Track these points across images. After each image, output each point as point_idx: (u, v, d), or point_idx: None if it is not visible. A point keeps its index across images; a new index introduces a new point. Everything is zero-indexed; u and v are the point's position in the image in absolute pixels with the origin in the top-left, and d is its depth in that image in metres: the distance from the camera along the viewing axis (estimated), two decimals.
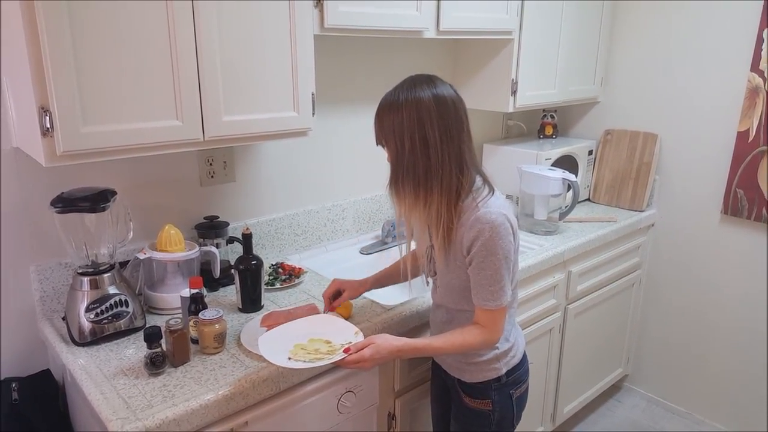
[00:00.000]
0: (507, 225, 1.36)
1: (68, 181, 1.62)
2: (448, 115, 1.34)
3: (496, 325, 1.42)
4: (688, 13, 2.56)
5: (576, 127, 3.04)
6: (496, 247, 1.34)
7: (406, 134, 1.33)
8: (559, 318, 2.40)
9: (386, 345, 1.36)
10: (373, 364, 1.35)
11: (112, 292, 1.53)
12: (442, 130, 1.33)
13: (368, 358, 1.32)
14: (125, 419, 1.22)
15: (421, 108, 1.32)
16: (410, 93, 1.33)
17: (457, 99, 1.38)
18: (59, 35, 1.22)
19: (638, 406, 3.00)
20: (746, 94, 2.43)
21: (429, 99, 1.32)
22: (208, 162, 1.91)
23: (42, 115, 1.24)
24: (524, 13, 2.29)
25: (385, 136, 1.38)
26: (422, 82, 1.35)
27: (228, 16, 1.47)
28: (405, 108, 1.32)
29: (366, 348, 1.34)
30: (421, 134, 1.32)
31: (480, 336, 1.42)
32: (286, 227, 2.15)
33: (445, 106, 1.34)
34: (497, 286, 1.37)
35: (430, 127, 1.32)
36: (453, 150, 1.35)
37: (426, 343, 1.43)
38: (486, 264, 1.36)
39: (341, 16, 1.71)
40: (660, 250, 2.85)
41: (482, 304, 1.40)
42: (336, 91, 2.18)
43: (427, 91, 1.33)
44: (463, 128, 1.38)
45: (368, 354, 1.33)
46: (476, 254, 1.36)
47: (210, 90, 1.47)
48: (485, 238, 1.34)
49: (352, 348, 1.35)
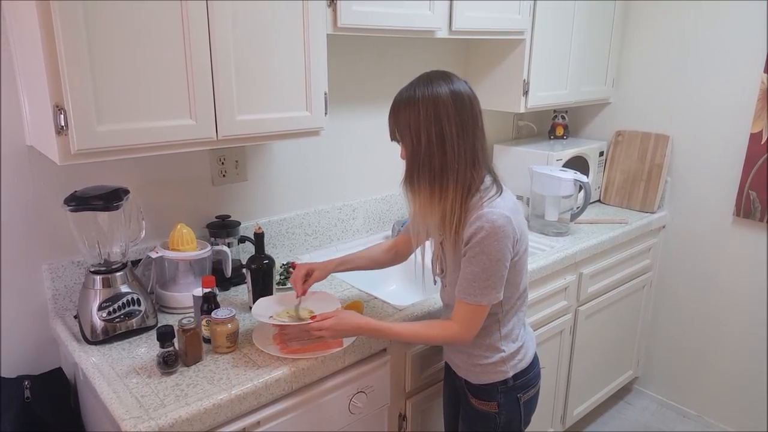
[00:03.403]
0: (507, 228, 1.34)
1: (81, 180, 1.62)
2: (464, 111, 1.34)
3: (470, 323, 1.41)
4: (700, 13, 2.55)
5: (587, 127, 3.03)
6: (490, 247, 1.34)
7: (423, 129, 1.32)
8: (570, 320, 2.39)
9: (348, 320, 1.43)
10: (333, 333, 1.42)
11: (125, 291, 1.53)
12: (459, 126, 1.33)
13: (328, 327, 1.40)
14: (138, 418, 1.22)
15: (438, 104, 1.32)
16: (427, 89, 1.33)
17: (473, 95, 1.38)
18: (74, 33, 1.22)
19: (648, 408, 2.99)
20: (759, 95, 2.41)
21: (446, 95, 1.32)
22: (220, 161, 1.91)
23: (57, 113, 1.24)
24: (536, 13, 2.28)
25: (400, 132, 1.38)
26: (439, 77, 1.35)
27: (242, 16, 1.46)
28: (422, 103, 1.32)
29: (329, 319, 1.41)
30: (438, 129, 1.32)
31: (446, 330, 1.44)
32: (297, 227, 2.14)
33: (462, 102, 1.34)
34: (481, 284, 1.36)
35: (447, 123, 1.32)
36: (468, 146, 1.35)
37: (387, 327, 1.45)
38: (476, 260, 1.35)
39: (354, 15, 1.70)
40: (671, 252, 2.83)
41: (461, 297, 1.40)
42: (347, 91, 2.18)
43: (444, 86, 1.33)
44: (478, 125, 1.38)
45: (328, 324, 1.40)
46: (470, 249, 1.36)
47: (224, 89, 1.47)
48: (481, 236, 1.33)
49: (318, 317, 1.43)
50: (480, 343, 1.50)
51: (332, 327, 1.40)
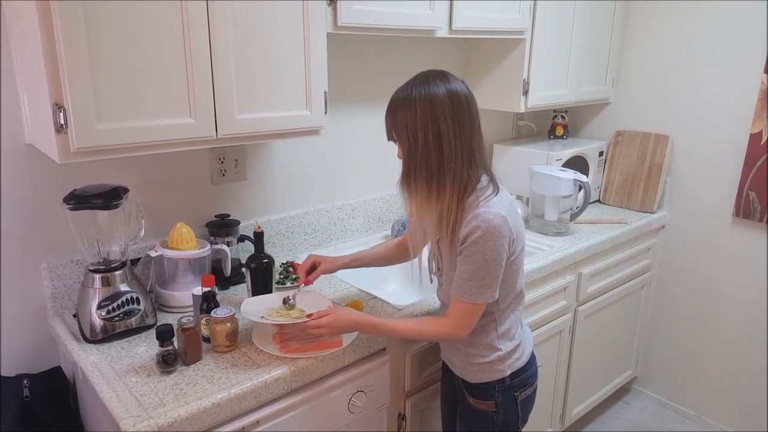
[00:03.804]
0: (503, 228, 1.34)
1: (80, 178, 1.62)
2: (461, 111, 1.34)
3: (464, 321, 1.42)
4: (700, 14, 2.55)
5: (587, 127, 3.03)
6: (486, 247, 1.34)
7: (420, 129, 1.32)
8: (570, 319, 2.39)
9: (345, 316, 1.44)
10: (331, 330, 1.42)
11: (124, 290, 1.53)
12: (456, 126, 1.33)
13: (326, 324, 1.40)
14: (137, 417, 1.22)
15: (435, 103, 1.32)
16: (424, 88, 1.33)
17: (470, 95, 1.38)
18: (74, 31, 1.22)
19: (647, 408, 2.99)
20: (759, 95, 2.41)
21: (443, 94, 1.32)
22: (219, 160, 1.90)
23: (56, 111, 1.24)
24: (536, 13, 2.27)
25: (397, 131, 1.37)
26: (435, 77, 1.35)
27: (242, 15, 1.46)
28: (419, 103, 1.32)
29: (327, 316, 1.41)
30: (435, 129, 1.32)
31: (442, 327, 1.44)
32: (296, 226, 2.14)
33: (459, 102, 1.34)
34: (477, 282, 1.37)
35: (444, 122, 1.32)
36: (465, 145, 1.35)
37: (384, 323, 1.45)
38: (471, 259, 1.36)
39: (354, 14, 1.70)
40: (670, 252, 2.83)
41: (456, 295, 1.40)
42: (346, 90, 2.18)
43: (441, 86, 1.33)
44: (475, 124, 1.38)
45: (326, 321, 1.41)
46: (466, 248, 1.36)
47: (223, 88, 1.47)
48: (477, 236, 1.33)
49: (314, 315, 1.43)
50: (477, 342, 1.50)
51: (330, 324, 1.41)
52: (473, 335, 1.47)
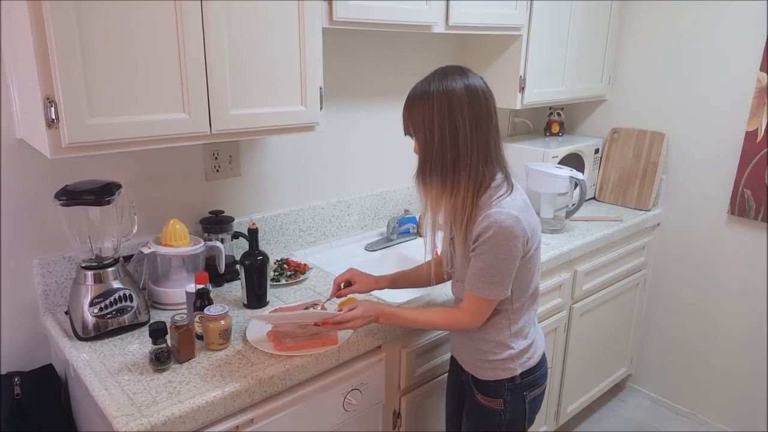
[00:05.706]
0: (515, 228, 1.34)
1: (72, 174, 1.60)
2: (479, 107, 1.34)
3: (476, 314, 1.44)
4: (696, 12, 2.54)
5: (583, 125, 3.03)
6: (497, 247, 1.34)
7: (436, 124, 1.32)
8: (565, 317, 2.39)
9: (374, 306, 1.46)
10: (364, 320, 1.43)
11: (116, 287, 1.51)
12: (473, 122, 1.33)
13: (360, 315, 1.42)
14: (130, 416, 1.20)
15: (452, 99, 1.31)
16: (442, 83, 1.33)
17: (488, 91, 1.38)
18: (66, 26, 1.20)
19: (642, 405, 2.99)
20: (755, 93, 2.41)
21: (461, 90, 1.32)
22: (213, 156, 1.89)
23: (47, 106, 1.22)
24: (533, 9, 2.27)
25: (414, 126, 1.37)
26: (454, 72, 1.35)
27: (236, 9, 1.45)
28: (436, 98, 1.32)
29: (357, 308, 1.43)
30: (452, 125, 1.32)
31: (454, 317, 1.47)
32: (291, 223, 2.13)
33: (477, 98, 1.34)
34: (488, 279, 1.37)
35: (461, 118, 1.32)
36: (481, 142, 1.35)
37: (405, 312, 1.48)
38: (483, 258, 1.36)
39: (350, 9, 1.69)
40: (665, 249, 2.83)
41: (468, 288, 1.42)
42: (342, 86, 2.16)
43: (459, 81, 1.33)
44: (492, 121, 1.38)
45: (360, 311, 1.42)
46: (478, 246, 1.37)
47: (217, 83, 1.45)
48: (488, 236, 1.34)
49: (345, 307, 1.44)
50: (489, 339, 1.49)
51: (363, 315, 1.42)
52: (486, 332, 1.48)
